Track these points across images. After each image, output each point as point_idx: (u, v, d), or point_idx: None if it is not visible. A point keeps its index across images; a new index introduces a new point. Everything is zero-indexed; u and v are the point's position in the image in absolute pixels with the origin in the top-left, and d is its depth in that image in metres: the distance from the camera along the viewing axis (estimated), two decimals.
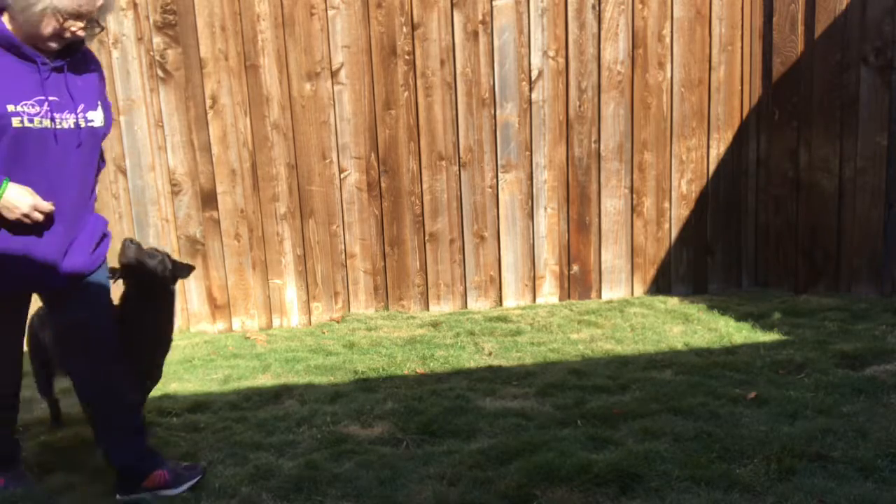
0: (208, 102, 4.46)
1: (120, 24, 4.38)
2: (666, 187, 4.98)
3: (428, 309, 4.91)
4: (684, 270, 5.09)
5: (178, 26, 4.39)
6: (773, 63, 4.85)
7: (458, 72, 4.71)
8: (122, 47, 4.40)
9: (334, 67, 4.68)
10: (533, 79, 4.78)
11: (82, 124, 2.42)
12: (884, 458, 2.53)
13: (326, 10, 4.62)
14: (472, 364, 3.80)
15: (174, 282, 2.79)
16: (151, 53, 4.41)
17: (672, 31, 4.82)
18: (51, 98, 2.33)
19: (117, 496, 2.55)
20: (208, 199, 4.56)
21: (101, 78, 2.61)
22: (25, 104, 2.29)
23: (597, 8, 4.75)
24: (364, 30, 4.65)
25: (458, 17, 4.67)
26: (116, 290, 2.61)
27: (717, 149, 4.99)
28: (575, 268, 5.01)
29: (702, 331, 4.17)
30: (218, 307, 4.67)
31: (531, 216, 4.91)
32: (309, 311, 4.77)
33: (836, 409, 2.96)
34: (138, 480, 2.54)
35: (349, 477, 2.58)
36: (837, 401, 3.04)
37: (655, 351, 3.88)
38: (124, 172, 4.50)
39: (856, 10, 4.51)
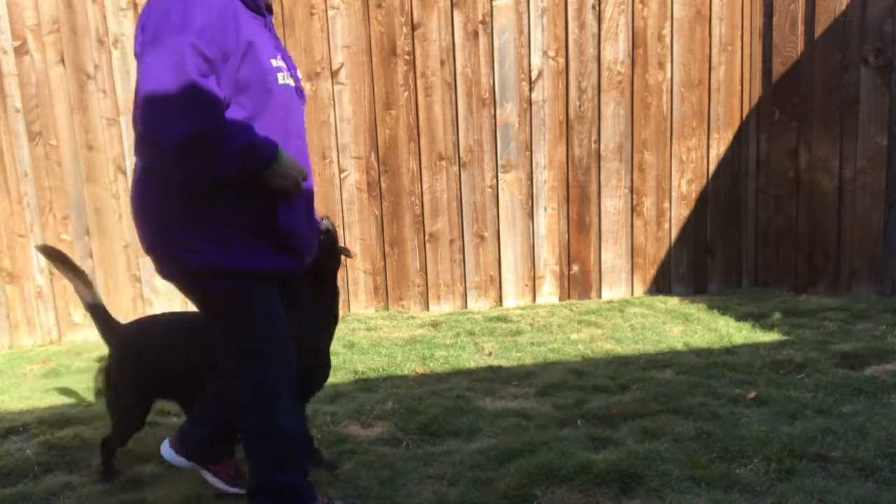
0: None
1: (120, 24, 4.38)
2: (666, 187, 4.98)
3: (428, 309, 4.91)
4: (684, 270, 5.09)
5: None
6: (773, 63, 4.85)
7: (458, 72, 4.72)
8: (122, 47, 4.40)
9: (334, 67, 4.68)
10: (533, 79, 4.78)
11: (297, 84, 2.21)
12: (884, 458, 2.54)
13: (326, 10, 4.62)
14: (472, 364, 3.80)
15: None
16: None
17: (672, 31, 4.82)
18: (281, 54, 2.13)
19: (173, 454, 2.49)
20: None
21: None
22: (275, 59, 2.08)
23: (597, 8, 4.75)
24: (364, 30, 4.65)
25: (458, 17, 4.67)
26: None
27: (717, 149, 4.99)
28: (575, 268, 5.01)
29: (702, 331, 4.17)
30: None
31: (531, 216, 4.91)
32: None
33: (836, 409, 2.96)
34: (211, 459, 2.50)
35: (349, 477, 2.58)
36: (837, 401, 3.04)
37: (655, 351, 3.88)
38: (124, 172, 4.50)
39: (856, 10, 4.51)
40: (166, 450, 2.49)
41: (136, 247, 4.56)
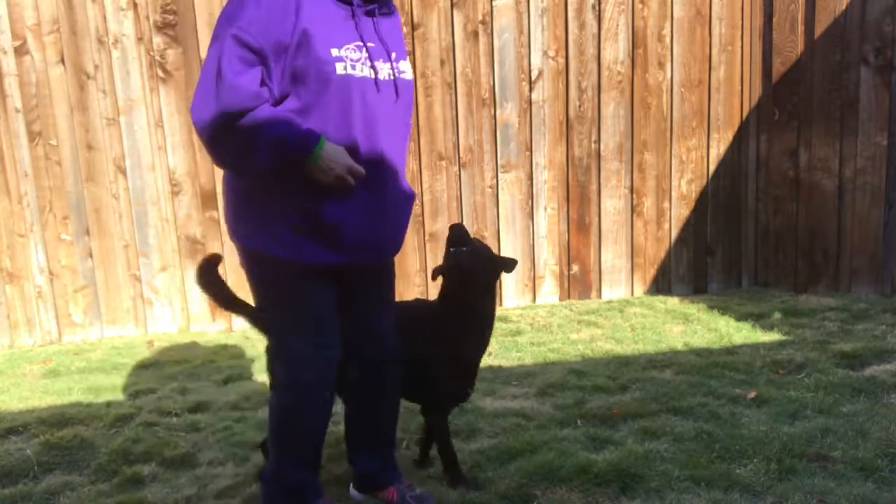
0: None
1: (120, 24, 4.38)
2: (666, 187, 4.98)
3: None
4: (684, 270, 5.09)
5: (178, 26, 4.39)
6: (773, 63, 4.85)
7: (458, 72, 4.71)
8: (122, 47, 4.40)
9: None
10: (533, 79, 4.77)
11: (395, 75, 2.13)
12: (884, 458, 2.54)
13: None
14: None
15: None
16: (151, 53, 4.41)
17: (672, 31, 4.82)
18: (368, 44, 2.07)
19: (351, 490, 2.49)
20: (208, 199, 4.56)
21: (401, 25, 2.30)
22: (348, 48, 2.03)
23: (597, 8, 4.75)
24: None
25: (458, 17, 4.67)
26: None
27: (717, 149, 4.99)
28: (575, 268, 5.01)
29: (702, 331, 4.17)
30: (218, 307, 4.67)
31: (531, 216, 4.91)
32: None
33: (836, 409, 2.96)
34: (374, 489, 2.44)
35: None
36: (837, 401, 3.04)
37: (655, 351, 3.88)
38: (124, 172, 4.50)
39: (856, 10, 4.51)
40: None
41: (135, 247, 4.56)
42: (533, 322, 4.51)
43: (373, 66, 2.07)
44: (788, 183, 4.89)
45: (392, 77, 2.13)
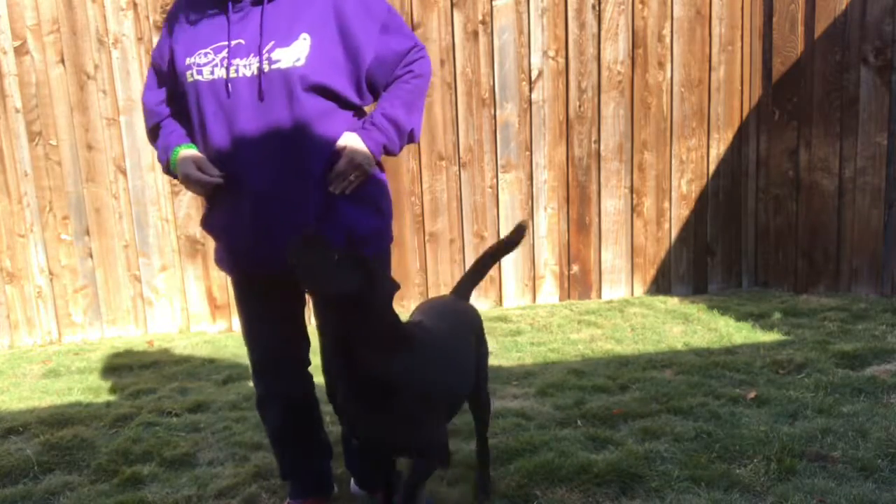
0: None
1: (120, 24, 4.38)
2: (666, 187, 4.98)
3: None
4: (684, 270, 5.09)
5: None
6: (773, 63, 4.85)
7: (458, 72, 4.71)
8: (122, 47, 4.40)
9: None
10: (533, 79, 4.78)
11: (264, 69, 1.96)
12: (884, 458, 2.54)
13: None
14: None
15: None
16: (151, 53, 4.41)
17: (672, 31, 4.82)
18: (233, 42, 1.98)
19: (352, 486, 2.52)
20: None
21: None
22: (199, 54, 2.00)
23: (597, 8, 4.75)
24: None
25: (458, 17, 4.67)
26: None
27: (717, 149, 4.99)
28: (575, 268, 5.01)
29: (702, 331, 4.17)
30: (218, 307, 4.67)
31: (531, 216, 4.90)
32: (309, 311, 4.76)
33: (836, 409, 2.96)
34: (371, 488, 2.44)
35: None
36: (837, 401, 3.04)
37: (655, 351, 3.88)
38: (124, 172, 4.50)
39: (856, 10, 4.51)
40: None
41: (136, 247, 4.56)
42: (533, 322, 4.51)
43: (227, 67, 1.96)
44: (788, 183, 4.89)
45: (257, 73, 1.96)
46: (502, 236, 4.85)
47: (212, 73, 1.99)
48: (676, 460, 2.59)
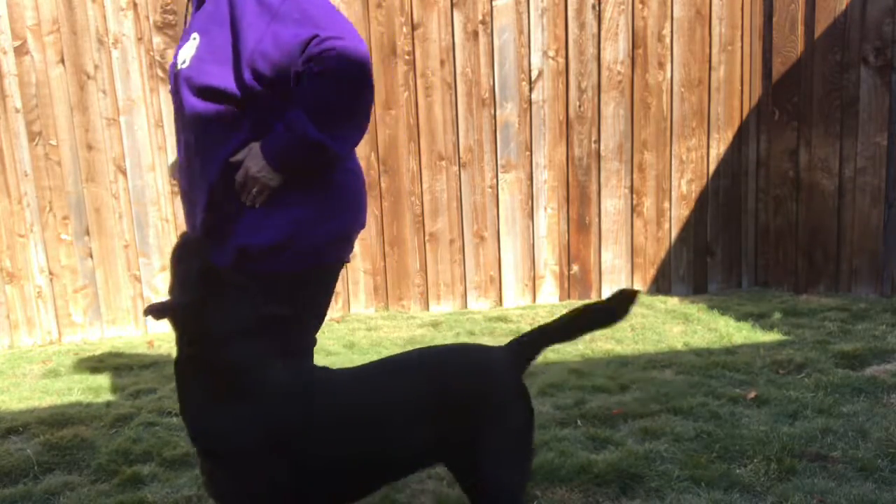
0: None
1: (120, 24, 4.38)
2: (666, 187, 4.98)
3: (428, 309, 4.91)
4: (684, 270, 5.09)
5: (178, 26, 4.38)
6: (773, 63, 4.84)
7: (458, 72, 4.71)
8: (122, 47, 4.40)
9: None
10: (533, 79, 4.78)
11: (178, 65, 1.98)
12: (884, 458, 2.54)
13: None
14: None
15: None
16: (151, 53, 4.41)
17: (672, 31, 4.82)
18: (192, 36, 1.98)
19: None
20: None
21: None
22: (180, 51, 2.00)
23: (597, 8, 4.75)
24: (364, 30, 4.64)
25: (458, 17, 4.67)
26: None
27: (717, 149, 4.99)
28: (575, 268, 5.01)
29: (702, 331, 4.17)
30: None
31: (531, 216, 4.91)
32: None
33: (836, 409, 2.96)
34: None
35: None
36: (837, 401, 3.04)
37: (655, 351, 3.87)
38: (124, 172, 4.50)
39: (856, 10, 4.51)
40: None
41: (136, 247, 4.56)
42: (533, 322, 4.51)
43: (175, 62, 2.00)
44: (788, 183, 4.89)
45: (183, 66, 1.96)
46: (502, 236, 4.88)
47: (172, 68, 2.04)
48: (676, 460, 2.59)
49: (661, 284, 5.07)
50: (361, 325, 4.60)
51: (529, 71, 4.77)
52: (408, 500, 2.43)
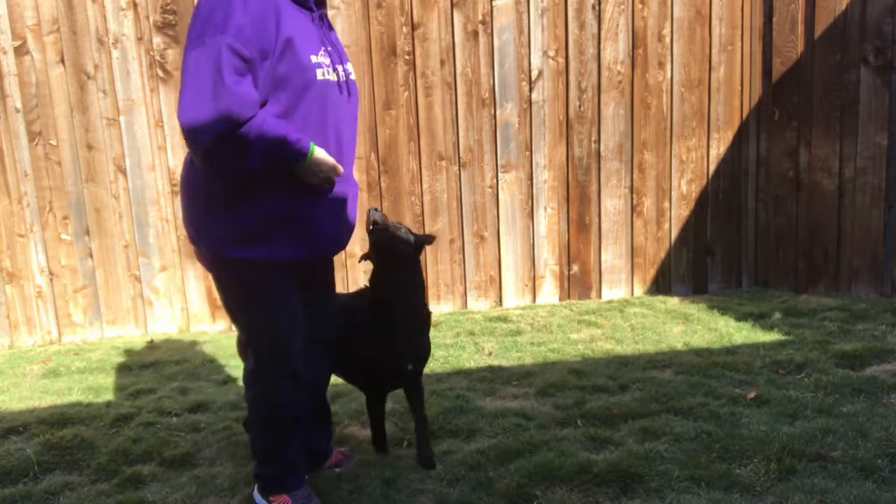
0: None
1: (120, 24, 4.38)
2: (666, 187, 4.98)
3: None
4: (684, 270, 5.09)
5: (178, 26, 4.39)
6: (773, 63, 4.85)
7: (458, 72, 4.71)
8: (122, 47, 4.40)
9: None
10: (533, 79, 4.78)
11: (346, 77, 2.26)
12: (884, 458, 2.54)
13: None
14: (472, 364, 3.80)
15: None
16: (151, 53, 4.41)
17: (672, 31, 4.82)
18: (328, 48, 2.20)
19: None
20: None
21: None
22: (321, 54, 2.15)
23: (597, 8, 4.75)
24: (364, 30, 4.64)
25: (458, 17, 4.67)
26: None
27: (717, 149, 4.99)
28: (575, 268, 5.01)
29: (702, 331, 4.17)
30: (218, 307, 4.67)
31: (531, 216, 4.91)
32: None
33: (836, 409, 2.96)
34: (322, 462, 2.65)
35: (350, 477, 2.58)
36: (837, 401, 3.04)
37: (655, 351, 3.88)
38: (124, 172, 4.50)
39: (856, 10, 4.51)
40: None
41: (136, 247, 4.56)
42: (533, 322, 4.51)
43: (335, 70, 2.19)
44: (788, 183, 4.90)
45: (345, 79, 2.25)
46: (502, 236, 4.87)
47: (330, 74, 2.18)
48: (676, 460, 2.59)
49: (662, 284, 5.07)
50: None
51: (529, 71, 4.77)
52: (408, 500, 2.43)
